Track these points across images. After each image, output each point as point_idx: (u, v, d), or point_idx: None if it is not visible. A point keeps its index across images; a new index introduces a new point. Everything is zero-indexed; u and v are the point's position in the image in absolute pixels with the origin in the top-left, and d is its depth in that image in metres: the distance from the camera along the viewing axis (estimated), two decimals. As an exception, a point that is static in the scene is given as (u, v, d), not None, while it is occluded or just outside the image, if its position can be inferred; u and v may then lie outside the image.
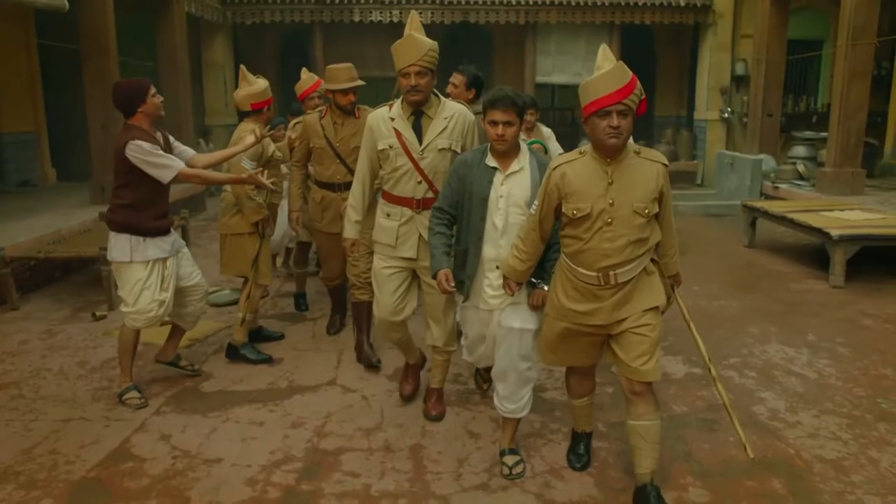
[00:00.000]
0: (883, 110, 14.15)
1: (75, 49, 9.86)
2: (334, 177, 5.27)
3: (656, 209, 3.20)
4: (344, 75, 5.07)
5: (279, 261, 7.78)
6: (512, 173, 3.58)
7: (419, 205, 4.04)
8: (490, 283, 3.66)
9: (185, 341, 5.50)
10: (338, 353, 5.39)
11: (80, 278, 7.62)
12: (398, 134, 3.99)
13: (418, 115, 4.03)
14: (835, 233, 7.23)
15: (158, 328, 5.72)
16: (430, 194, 4.02)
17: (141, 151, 4.25)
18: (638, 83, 3.08)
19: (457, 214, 3.72)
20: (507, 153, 3.57)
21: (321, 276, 5.95)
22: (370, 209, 4.38)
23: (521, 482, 3.61)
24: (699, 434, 4.12)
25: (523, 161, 3.60)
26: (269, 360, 5.21)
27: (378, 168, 4.18)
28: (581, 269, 3.24)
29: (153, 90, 4.44)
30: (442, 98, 4.12)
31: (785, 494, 3.50)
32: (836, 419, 4.31)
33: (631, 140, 3.21)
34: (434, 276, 3.69)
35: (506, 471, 3.67)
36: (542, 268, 3.54)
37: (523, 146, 3.66)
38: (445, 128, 4.02)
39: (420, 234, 4.03)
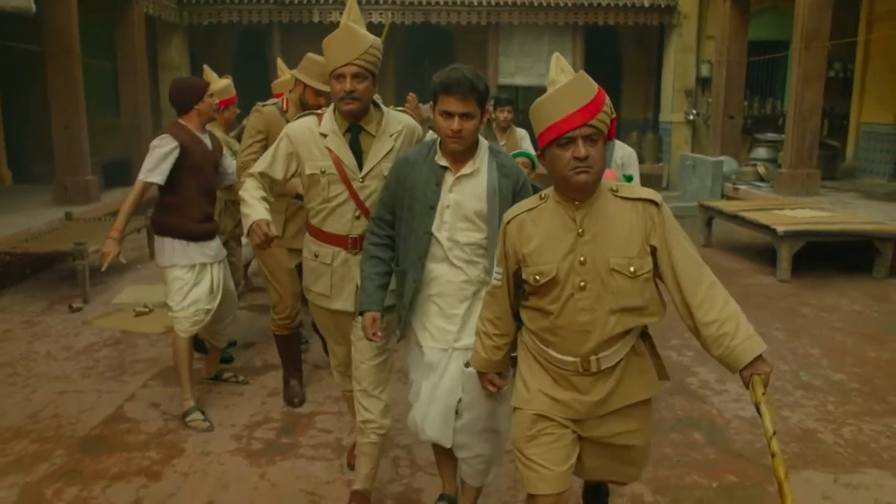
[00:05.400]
0: (848, 113, 15.04)
1: (33, 50, 10.44)
2: None
3: (647, 266, 2.56)
4: (326, 75, 4.01)
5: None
6: (463, 176, 3.02)
7: (355, 244, 3.40)
8: (441, 311, 3.13)
9: (160, 328, 6.28)
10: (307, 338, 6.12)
11: (49, 275, 8.28)
12: (333, 155, 3.33)
13: (356, 131, 3.37)
14: (780, 229, 8.18)
15: (135, 318, 6.52)
16: None
17: (152, 145, 4.39)
18: (607, 99, 2.51)
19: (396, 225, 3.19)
20: (463, 152, 3.02)
21: (273, 314, 4.93)
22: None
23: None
24: (634, 399, 4.98)
25: (479, 161, 3.04)
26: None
27: (285, 182, 3.51)
28: (552, 353, 2.64)
29: (211, 91, 4.67)
30: (384, 109, 3.46)
31: (703, 443, 4.39)
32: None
33: (616, 176, 2.79)
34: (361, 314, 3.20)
35: None
36: None
37: (482, 142, 3.09)
38: (392, 149, 3.37)
39: (357, 282, 3.38)
